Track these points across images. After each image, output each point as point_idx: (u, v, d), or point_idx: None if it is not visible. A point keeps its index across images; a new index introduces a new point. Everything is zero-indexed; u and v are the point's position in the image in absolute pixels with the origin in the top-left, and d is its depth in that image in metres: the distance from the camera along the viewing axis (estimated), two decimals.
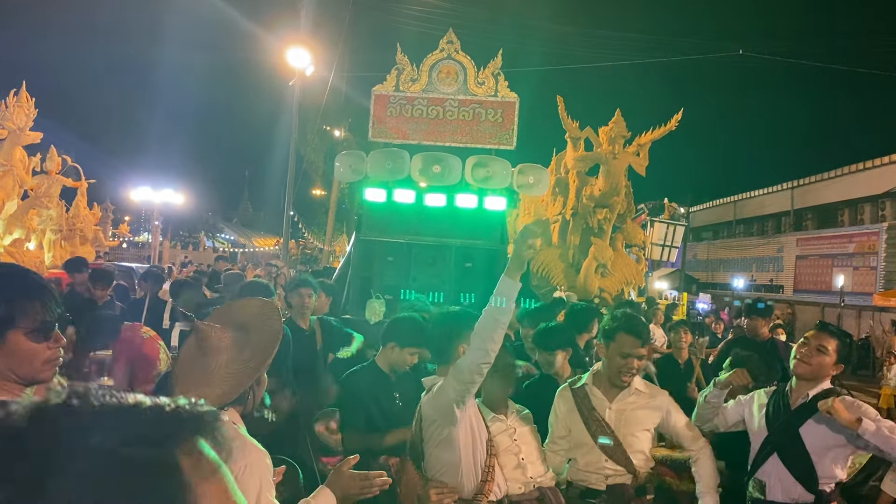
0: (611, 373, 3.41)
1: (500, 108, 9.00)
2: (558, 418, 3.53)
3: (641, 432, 3.38)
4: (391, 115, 9.10)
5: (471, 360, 2.78)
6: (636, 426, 3.37)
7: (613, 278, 14.87)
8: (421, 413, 3.14)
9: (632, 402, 3.41)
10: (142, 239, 56.75)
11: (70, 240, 22.99)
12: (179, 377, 2.19)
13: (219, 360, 2.13)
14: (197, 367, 2.15)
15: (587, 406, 3.41)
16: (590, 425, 3.37)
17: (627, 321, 3.44)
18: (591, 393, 3.45)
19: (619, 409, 3.39)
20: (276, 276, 13.77)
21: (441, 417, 2.98)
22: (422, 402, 3.17)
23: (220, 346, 2.15)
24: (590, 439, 3.35)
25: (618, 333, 3.37)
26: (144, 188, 35.85)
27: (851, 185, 31.34)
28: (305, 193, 40.14)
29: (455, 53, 9.11)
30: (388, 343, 4.05)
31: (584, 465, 3.38)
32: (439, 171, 8.25)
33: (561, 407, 3.53)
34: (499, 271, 8.35)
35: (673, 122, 14.55)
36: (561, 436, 3.51)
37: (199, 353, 2.16)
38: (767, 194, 39.15)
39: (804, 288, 31.26)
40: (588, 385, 3.48)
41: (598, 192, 14.43)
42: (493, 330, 2.75)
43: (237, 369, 2.14)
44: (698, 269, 40.35)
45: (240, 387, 2.14)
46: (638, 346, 3.36)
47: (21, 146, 20.08)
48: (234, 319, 2.26)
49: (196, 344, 2.19)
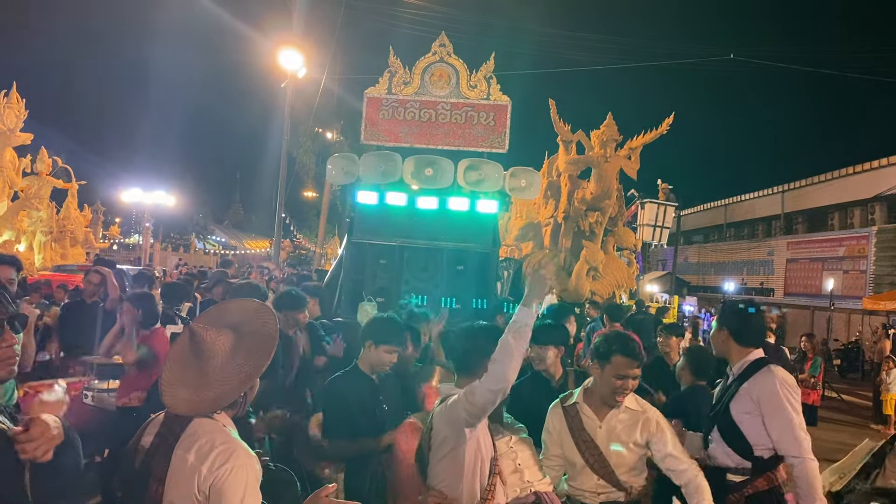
0: (604, 393, 3.40)
1: (493, 112, 9.02)
2: (551, 435, 3.52)
3: (632, 448, 3.36)
4: (383, 118, 9.10)
5: (487, 387, 2.79)
6: (626, 442, 3.35)
7: (605, 281, 14.92)
8: (431, 423, 3.14)
9: (623, 419, 3.40)
10: (132, 241, 56.60)
11: (60, 241, 22.89)
12: (169, 376, 2.14)
13: (214, 363, 2.10)
14: (190, 370, 2.11)
15: (577, 426, 3.41)
16: (580, 446, 3.37)
17: (622, 342, 3.44)
18: (581, 411, 3.44)
19: (609, 428, 3.38)
20: (267, 278, 13.76)
21: (451, 433, 2.98)
22: (434, 413, 3.17)
23: (215, 350, 2.11)
24: (580, 459, 3.36)
25: (613, 356, 3.37)
26: (135, 190, 35.76)
27: (842, 188, 31.51)
28: (297, 195, 40.10)
29: (447, 56, 9.12)
30: (366, 342, 4.04)
31: (577, 484, 3.40)
32: (431, 174, 8.25)
33: (553, 425, 3.52)
34: (491, 274, 8.31)
35: (664, 125, 14.62)
36: (555, 453, 3.50)
37: (193, 356, 2.12)
38: (758, 198, 39.33)
39: (795, 291, 31.40)
40: (579, 403, 3.47)
41: (589, 195, 14.48)
42: (512, 358, 2.77)
43: (232, 373, 2.11)
44: (689, 272, 40.45)
45: (235, 391, 2.12)
46: (634, 367, 3.35)
47: (11, 147, 20.04)
48: (229, 321, 2.22)
49: (190, 346, 2.14)
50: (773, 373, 3.47)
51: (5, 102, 19.50)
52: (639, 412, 3.43)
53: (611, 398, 3.38)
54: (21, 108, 20.06)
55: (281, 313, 5.28)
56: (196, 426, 2.08)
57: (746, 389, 3.48)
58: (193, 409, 2.09)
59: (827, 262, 29.52)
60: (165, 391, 2.12)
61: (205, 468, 1.99)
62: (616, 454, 3.34)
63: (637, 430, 3.38)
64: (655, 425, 3.40)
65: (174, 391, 2.11)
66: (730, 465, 3.51)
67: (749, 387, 3.48)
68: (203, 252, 58.17)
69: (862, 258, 27.45)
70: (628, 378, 3.35)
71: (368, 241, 8.11)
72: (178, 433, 2.08)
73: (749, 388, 3.48)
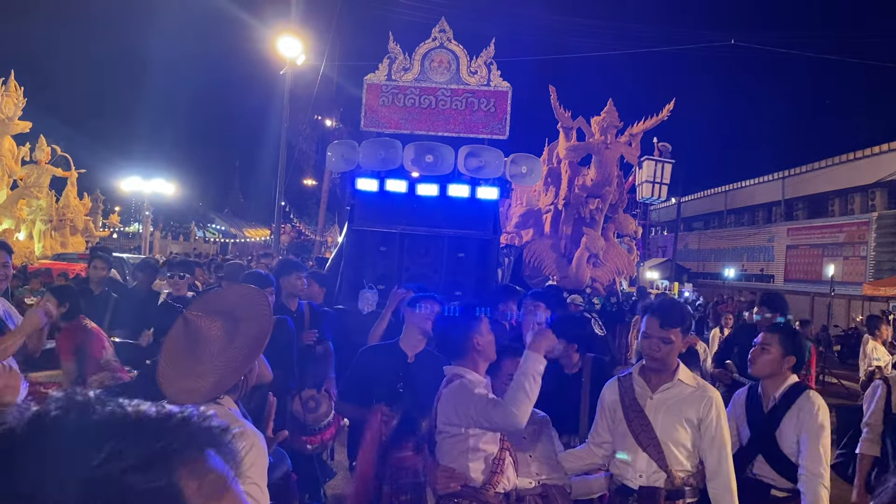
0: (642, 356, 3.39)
1: (493, 98, 8.97)
2: (603, 408, 3.47)
3: (681, 425, 3.21)
4: (383, 105, 9.05)
5: (501, 418, 2.94)
6: (676, 418, 3.21)
7: (605, 268, 14.90)
8: (438, 406, 3.17)
9: (675, 393, 3.26)
10: (132, 229, 56.53)
11: (60, 230, 22.87)
12: (167, 368, 2.14)
13: (210, 349, 2.10)
14: (186, 357, 2.11)
15: (630, 395, 3.35)
16: (628, 416, 3.30)
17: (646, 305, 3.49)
18: (635, 382, 3.38)
19: (659, 400, 3.26)
20: (270, 268, 13.73)
21: (458, 420, 3.08)
22: (440, 395, 3.20)
23: (210, 336, 2.11)
24: (626, 428, 3.28)
25: (643, 317, 3.39)
26: (135, 178, 35.69)
27: (842, 174, 31.48)
28: (297, 183, 40.06)
29: (447, 42, 9.05)
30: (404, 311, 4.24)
31: (621, 458, 3.32)
32: (432, 160, 8.22)
33: (606, 397, 3.46)
34: (492, 261, 8.27)
35: (665, 111, 14.56)
36: (603, 427, 3.45)
37: (188, 344, 2.12)
38: (758, 184, 39.31)
39: (795, 277, 31.46)
40: (633, 375, 3.41)
41: (590, 181, 14.45)
42: (523, 402, 2.92)
43: (229, 358, 2.11)
44: (689, 258, 40.49)
45: (233, 376, 2.12)
46: (655, 327, 3.26)
47: (10, 135, 20.00)
48: (221, 308, 2.23)
49: (184, 334, 2.15)
50: (813, 399, 3.52)
51: (4, 90, 19.43)
52: (694, 388, 3.28)
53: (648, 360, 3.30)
54: (19, 95, 20.00)
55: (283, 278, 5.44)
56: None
57: (791, 416, 3.53)
58: (197, 397, 2.07)
59: (827, 249, 29.56)
60: (165, 385, 2.11)
61: None
62: (664, 428, 3.21)
63: (690, 407, 3.23)
64: (709, 407, 3.23)
65: (174, 383, 2.10)
66: (775, 484, 3.54)
67: (793, 414, 3.52)
68: (203, 240, 58.13)
69: (862, 244, 27.47)
70: (653, 338, 3.25)
71: (368, 228, 8.09)
72: None
73: (793, 416, 3.52)
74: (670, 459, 3.18)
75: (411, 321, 4.14)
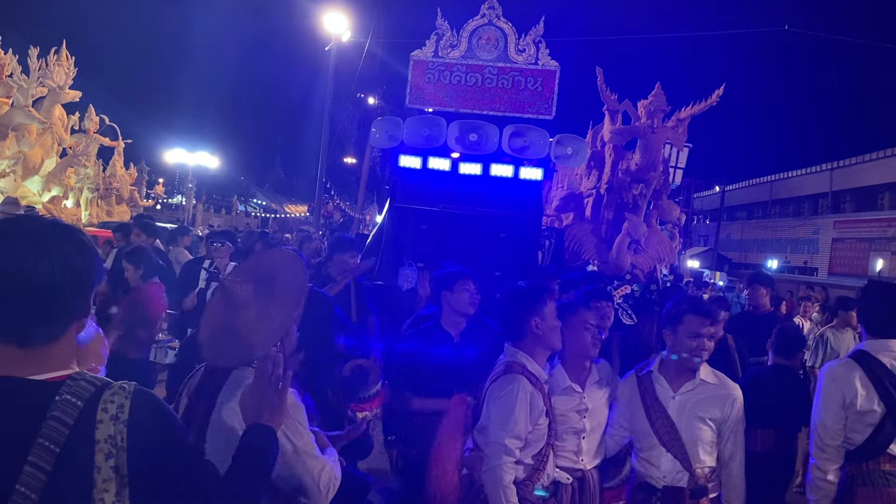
0: (682, 357, 3.24)
1: (540, 77, 8.85)
2: (620, 405, 3.43)
3: (705, 424, 3.20)
4: (429, 82, 8.98)
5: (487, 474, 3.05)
6: (699, 417, 3.20)
7: (646, 255, 14.68)
8: (484, 401, 3.19)
9: (697, 392, 3.24)
10: (175, 201, 57.35)
11: (106, 199, 23.25)
12: (208, 335, 2.21)
13: (246, 314, 2.14)
14: (225, 323, 2.16)
15: (650, 395, 3.29)
16: (651, 416, 3.25)
17: (691, 302, 3.37)
18: (655, 381, 3.33)
19: (682, 401, 3.23)
20: (302, 240, 13.79)
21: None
22: (488, 389, 3.21)
23: (247, 301, 2.15)
24: (649, 428, 3.24)
25: (685, 315, 3.25)
26: (179, 150, 36.17)
27: (893, 167, 30.59)
28: (338, 161, 40.16)
29: (496, 19, 8.93)
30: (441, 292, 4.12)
31: (644, 456, 3.29)
32: (476, 139, 8.14)
33: (625, 393, 3.42)
34: (533, 243, 8.22)
35: (714, 97, 14.22)
36: (621, 424, 3.42)
37: (227, 310, 2.17)
38: (805, 175, 38.48)
39: (839, 272, 30.76)
40: (654, 373, 3.35)
41: (634, 166, 14.21)
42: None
43: (266, 321, 2.15)
44: (731, 248, 39.89)
45: (271, 339, 2.15)
46: (706, 325, 3.22)
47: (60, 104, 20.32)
48: (258, 273, 2.27)
49: (223, 300, 2.19)
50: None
51: (55, 60, 19.71)
52: (717, 386, 3.27)
53: (689, 361, 3.23)
54: (70, 65, 20.26)
55: (337, 255, 5.40)
56: (236, 375, 2.18)
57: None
58: (238, 359, 2.16)
59: (875, 243, 28.85)
60: (207, 349, 2.20)
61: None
62: (688, 428, 3.19)
63: (714, 406, 3.21)
64: (732, 404, 3.23)
65: (218, 347, 2.17)
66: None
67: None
68: (245, 214, 58.77)
69: None
70: (703, 337, 3.22)
71: (410, 206, 8.07)
72: (221, 383, 2.18)
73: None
74: (694, 459, 3.17)
75: (447, 302, 4.09)
